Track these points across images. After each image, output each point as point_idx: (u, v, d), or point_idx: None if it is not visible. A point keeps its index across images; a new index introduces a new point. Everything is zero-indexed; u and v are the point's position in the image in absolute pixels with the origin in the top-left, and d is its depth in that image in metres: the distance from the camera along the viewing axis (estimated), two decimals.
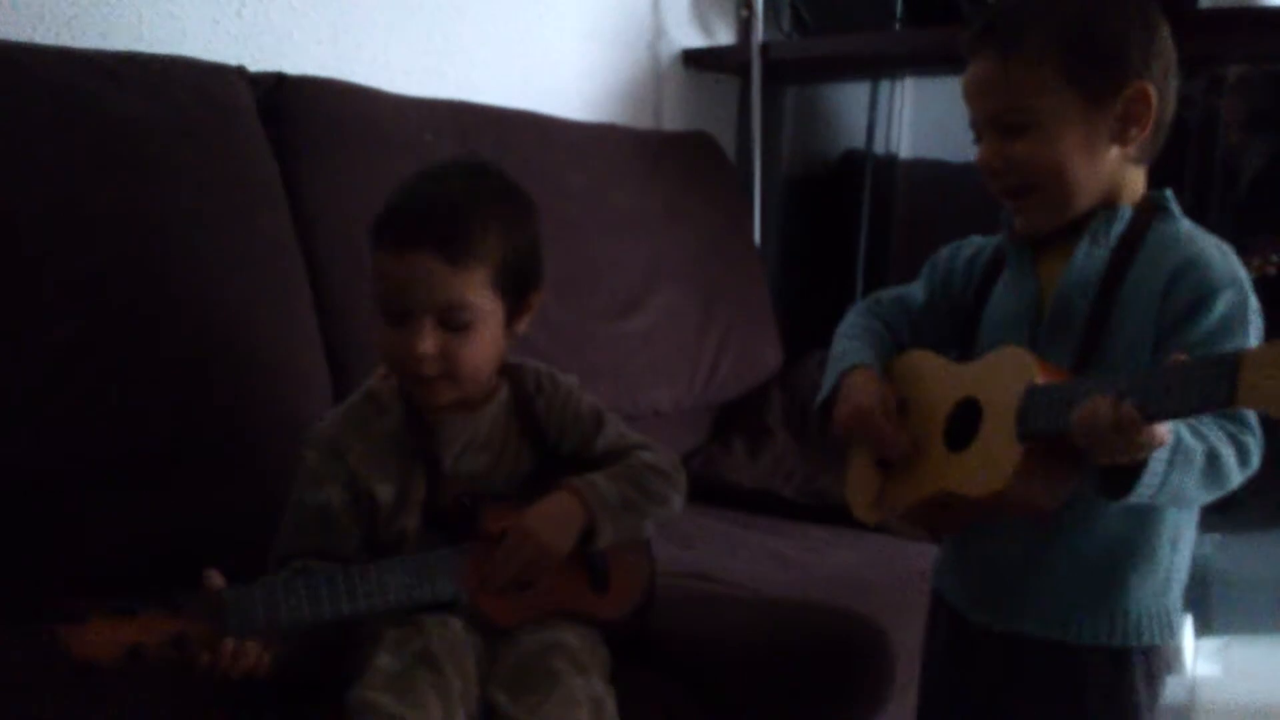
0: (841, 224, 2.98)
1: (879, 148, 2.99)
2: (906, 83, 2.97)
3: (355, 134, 1.93)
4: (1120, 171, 1.25)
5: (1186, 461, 1.09)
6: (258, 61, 1.94)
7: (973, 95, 1.26)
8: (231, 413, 1.64)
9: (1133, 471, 1.07)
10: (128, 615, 1.15)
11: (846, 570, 1.79)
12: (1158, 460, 1.07)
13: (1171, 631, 1.27)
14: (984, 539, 1.31)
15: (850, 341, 1.42)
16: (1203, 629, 1.81)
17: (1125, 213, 1.25)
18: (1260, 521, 1.24)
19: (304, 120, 1.88)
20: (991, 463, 1.18)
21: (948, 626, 1.39)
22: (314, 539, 1.39)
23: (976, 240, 1.43)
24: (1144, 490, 1.08)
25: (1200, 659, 2.07)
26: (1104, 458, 1.07)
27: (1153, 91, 1.21)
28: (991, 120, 1.24)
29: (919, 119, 2.98)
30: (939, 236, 1.51)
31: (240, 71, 1.85)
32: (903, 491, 1.32)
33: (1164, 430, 1.04)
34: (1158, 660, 1.28)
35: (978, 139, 1.27)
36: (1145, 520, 1.24)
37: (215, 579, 1.23)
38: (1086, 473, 1.15)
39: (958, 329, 1.39)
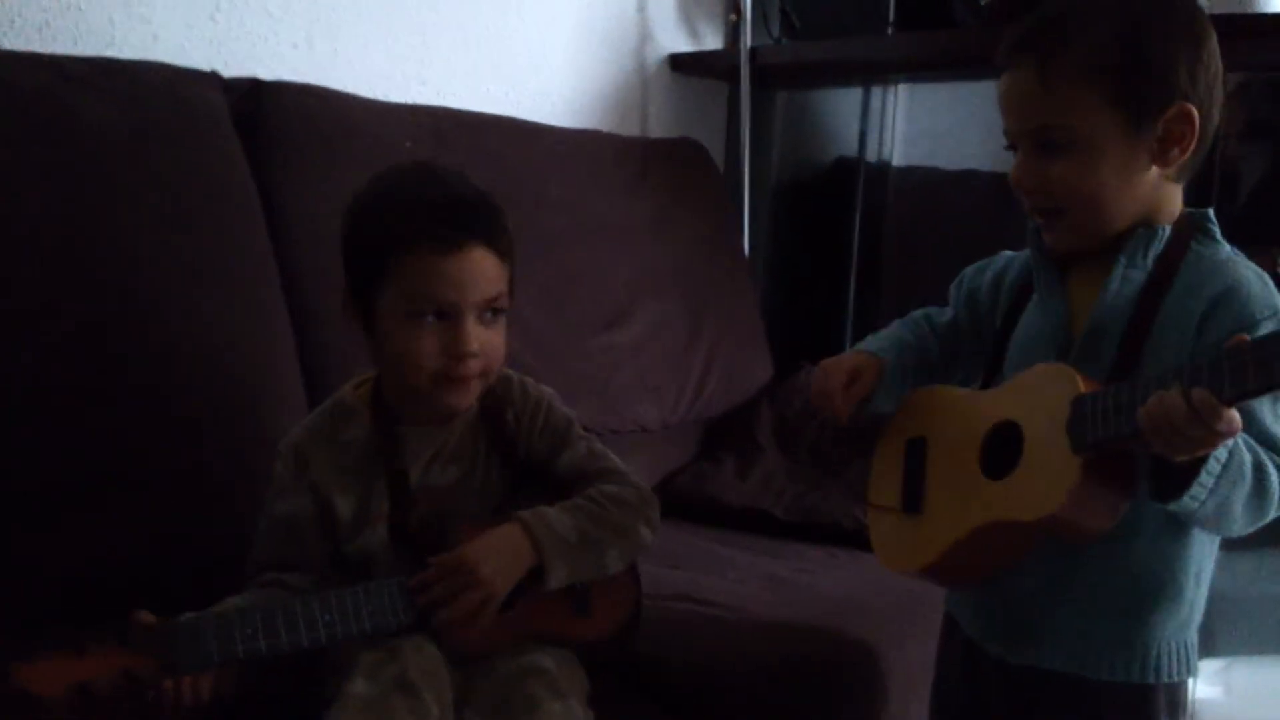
0: (833, 233, 2.94)
1: (871, 155, 2.95)
2: (899, 89, 2.93)
3: (332, 140, 1.89)
4: (1158, 191, 1.21)
5: (1238, 470, 1.07)
6: (232, 67, 1.92)
7: (1008, 108, 1.22)
8: (202, 426, 1.60)
9: (1184, 479, 1.05)
10: (75, 651, 1.12)
11: (838, 591, 1.75)
12: (1215, 460, 1.04)
13: (1191, 667, 1.24)
14: (1005, 573, 1.27)
15: (871, 340, 1.42)
16: (1204, 650, 1.77)
17: (1163, 233, 1.21)
18: (1264, 539, 1.21)
19: (279, 126, 1.85)
20: (1045, 483, 1.14)
21: (963, 653, 1.35)
22: (282, 551, 1.38)
23: (1004, 256, 1.39)
24: (1199, 490, 1.05)
25: (1201, 681, 2.02)
26: (1179, 453, 1.03)
27: (1195, 112, 1.17)
28: (1028, 136, 1.21)
29: (912, 126, 2.94)
30: (933, 245, 1.48)
31: (214, 77, 1.81)
32: (939, 532, 1.27)
33: (1237, 415, 1.01)
34: (1180, 697, 1.25)
35: (1011, 148, 1.24)
36: (1170, 553, 1.21)
37: (146, 617, 1.19)
38: (1138, 486, 1.13)
39: (985, 351, 1.36)
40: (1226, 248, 1.22)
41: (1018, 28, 1.21)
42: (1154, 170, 1.19)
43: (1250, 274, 1.18)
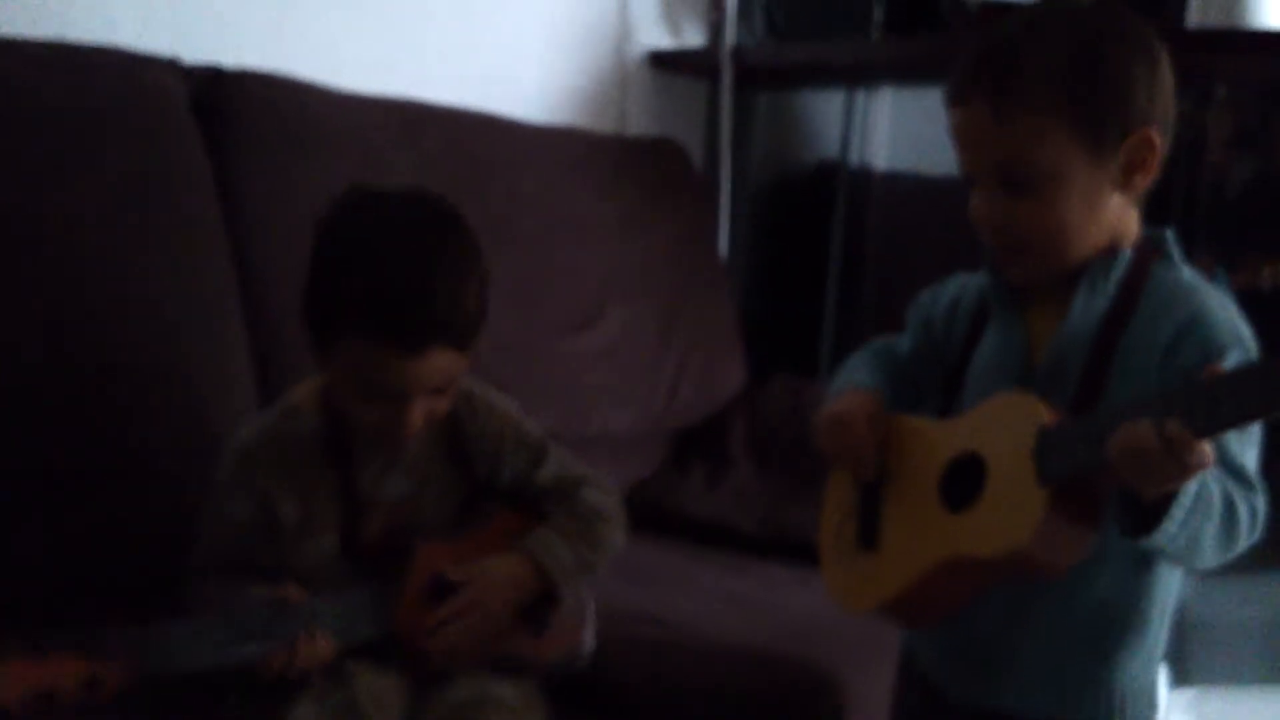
0: (813, 238, 2.91)
1: (854, 159, 2.92)
2: (884, 92, 2.90)
3: (297, 132, 1.85)
4: (1121, 216, 1.18)
5: (1208, 505, 1.03)
6: (194, 53, 1.86)
7: (964, 144, 1.17)
8: (150, 419, 1.58)
9: (1153, 513, 1.01)
10: (38, 656, 1.10)
11: (804, 615, 1.70)
12: (1185, 494, 1.00)
13: (1155, 707, 1.21)
14: (964, 609, 1.22)
15: (851, 373, 1.35)
16: (1178, 679, 1.75)
17: (1125, 257, 1.17)
18: (1235, 565, 1.19)
19: (241, 116, 1.81)
20: (1009, 516, 1.09)
21: (919, 695, 1.30)
22: (228, 555, 1.37)
23: (958, 280, 1.34)
24: (1169, 525, 1.01)
25: (1174, 711, 2.00)
26: (1150, 486, 1.00)
27: (1157, 136, 1.14)
28: (989, 173, 1.16)
29: (896, 130, 2.92)
30: (915, 252, 1.43)
31: (172, 64, 1.77)
32: (897, 568, 1.21)
33: (1210, 449, 0.97)
34: None
35: (970, 184, 1.19)
36: (1136, 587, 1.18)
37: None
38: (1106, 519, 1.09)
39: (943, 380, 1.31)
40: (1187, 271, 1.19)
41: (964, 60, 1.16)
42: (1116, 196, 1.16)
43: (1212, 301, 1.15)
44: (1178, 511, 1.01)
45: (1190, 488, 1.00)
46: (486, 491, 1.44)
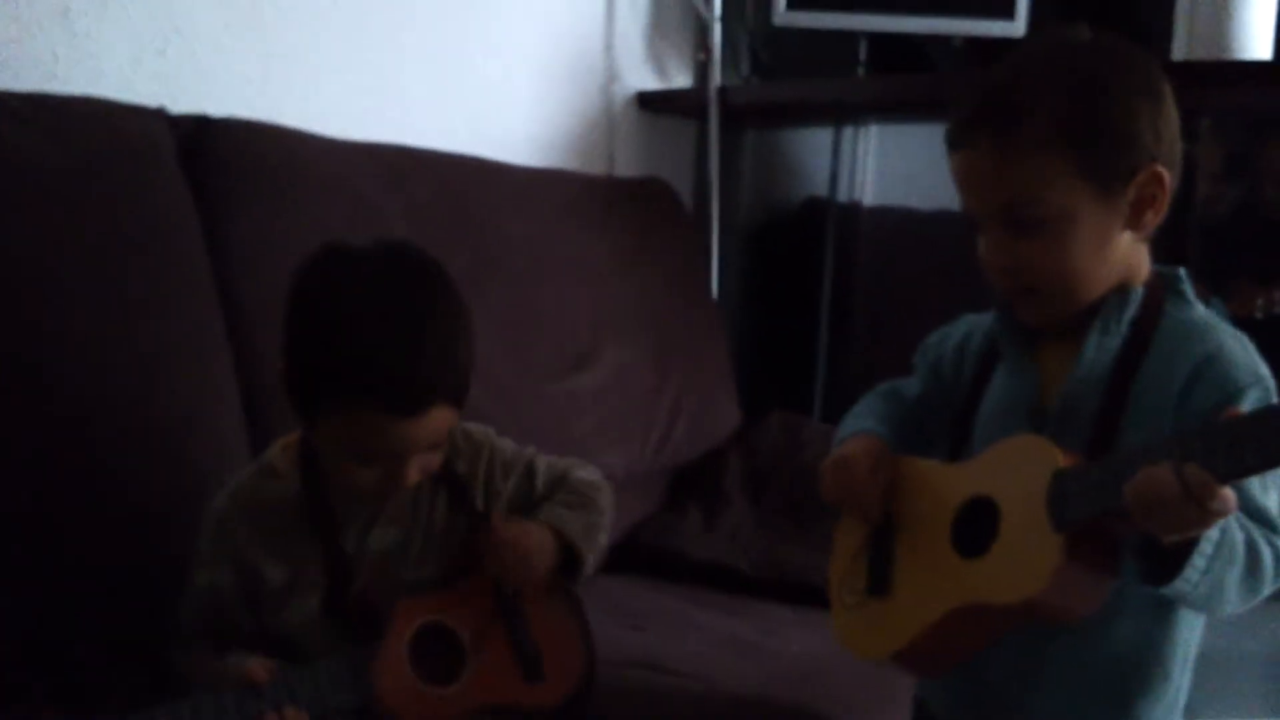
0: (803, 275, 2.92)
1: (842, 195, 2.93)
2: (871, 128, 2.91)
3: (283, 180, 1.83)
4: (1131, 254, 1.16)
5: (1230, 550, 1.01)
6: (181, 104, 1.86)
7: (969, 188, 1.16)
8: (139, 471, 1.54)
9: (1174, 559, 0.99)
10: None
11: (803, 658, 1.69)
12: (1207, 541, 0.98)
13: None
14: (978, 655, 1.20)
15: (856, 420, 1.33)
16: (1186, 714, 1.71)
17: (1137, 296, 1.16)
18: None
19: (228, 165, 1.79)
20: (1024, 563, 1.07)
21: None
22: (210, 621, 1.35)
23: (967, 321, 1.33)
24: (1191, 573, 0.99)
25: None
26: (1170, 533, 0.97)
27: (1166, 173, 1.12)
28: (995, 215, 1.14)
29: (884, 166, 2.93)
30: (905, 287, 1.42)
31: (159, 113, 1.76)
32: (909, 616, 1.19)
33: (1233, 494, 0.95)
34: None
35: (975, 227, 1.17)
36: (1156, 635, 1.15)
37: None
38: (1122, 566, 1.07)
39: (952, 423, 1.29)
40: (1201, 308, 1.17)
41: (963, 103, 1.15)
42: (1127, 235, 1.14)
43: (1228, 339, 1.13)
44: (1199, 560, 0.98)
45: (1212, 534, 0.98)
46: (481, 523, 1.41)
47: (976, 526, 1.13)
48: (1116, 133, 1.11)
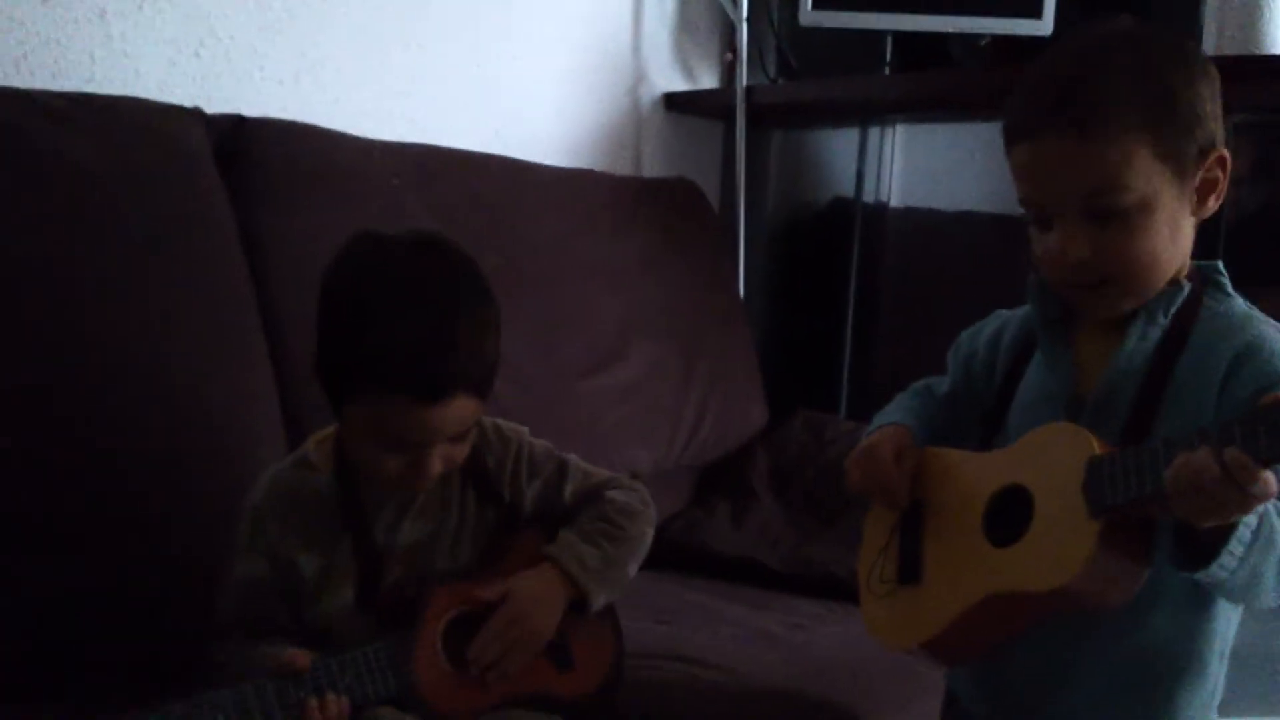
0: (829, 274, 2.91)
1: (868, 195, 2.92)
2: (897, 128, 2.90)
3: (317, 179, 1.86)
4: (1189, 241, 1.15)
5: (1269, 538, 1.00)
6: (216, 104, 1.89)
7: (1043, 178, 1.12)
8: (179, 467, 1.56)
9: (1211, 545, 0.98)
10: None
11: (832, 651, 1.69)
12: (1245, 527, 0.97)
13: None
14: (1011, 647, 1.19)
15: (885, 415, 1.32)
16: (1219, 710, 1.71)
17: (1184, 289, 1.14)
18: None
19: (263, 164, 1.82)
20: (1058, 550, 1.06)
21: None
22: (247, 613, 1.35)
23: (999, 316, 1.33)
24: (1228, 559, 0.98)
25: None
26: (1208, 519, 0.96)
27: (1228, 156, 1.12)
28: (1074, 206, 1.11)
29: (910, 166, 2.91)
30: (931, 286, 1.41)
31: (196, 113, 1.78)
32: (940, 604, 1.18)
33: (1274, 478, 0.94)
34: None
35: (1039, 222, 1.14)
36: (1194, 626, 1.14)
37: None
38: (1156, 554, 1.06)
39: (985, 415, 1.28)
40: (1241, 301, 1.16)
41: (1028, 92, 1.13)
42: (1190, 221, 1.13)
43: (1270, 329, 1.12)
44: (1237, 545, 0.97)
45: (1249, 520, 0.97)
46: (515, 518, 1.42)
47: (1009, 515, 1.13)
48: (1188, 115, 1.09)
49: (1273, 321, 1.14)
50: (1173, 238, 1.12)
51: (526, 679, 1.35)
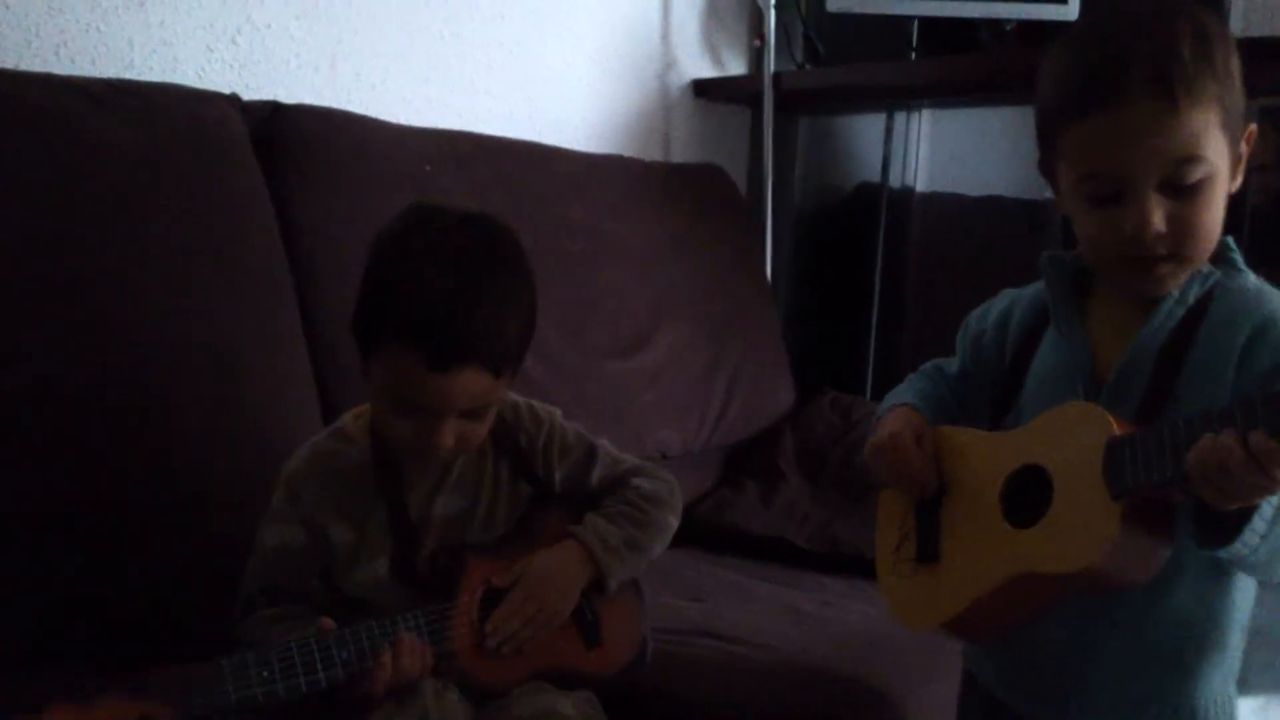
0: (856, 259, 2.92)
1: (894, 180, 2.93)
2: (923, 114, 2.91)
3: (352, 164, 1.87)
4: None
5: None
6: (253, 90, 1.92)
7: (1131, 148, 1.06)
8: (219, 448, 1.58)
9: (1232, 522, 0.98)
10: (84, 701, 1.09)
11: (861, 628, 1.70)
12: (1267, 504, 0.97)
13: (1233, 718, 1.17)
14: (1030, 625, 1.19)
15: (894, 397, 1.32)
16: (1239, 687, 1.71)
17: (1210, 270, 1.13)
18: None
19: (299, 150, 1.83)
20: (1079, 531, 1.06)
21: (982, 714, 1.28)
22: (276, 578, 1.37)
23: (1008, 295, 1.31)
24: (1250, 537, 0.98)
25: None
26: (1232, 500, 0.95)
27: (1255, 131, 1.11)
28: (1154, 177, 1.07)
29: (936, 151, 2.92)
30: (956, 272, 1.41)
31: (233, 99, 1.80)
32: (961, 585, 1.18)
33: None
34: None
35: (1100, 199, 1.10)
36: (1214, 601, 1.13)
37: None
38: (1178, 532, 1.06)
39: (996, 394, 1.27)
40: (1253, 276, 1.15)
41: (1106, 64, 1.07)
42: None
43: None
44: (1259, 523, 0.97)
45: (1271, 499, 0.97)
46: (545, 497, 1.44)
47: (1027, 495, 1.12)
48: (1238, 86, 1.08)
49: None
50: (1221, 211, 1.10)
51: (557, 654, 1.37)
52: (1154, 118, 1.05)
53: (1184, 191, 1.07)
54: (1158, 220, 1.07)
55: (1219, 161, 1.07)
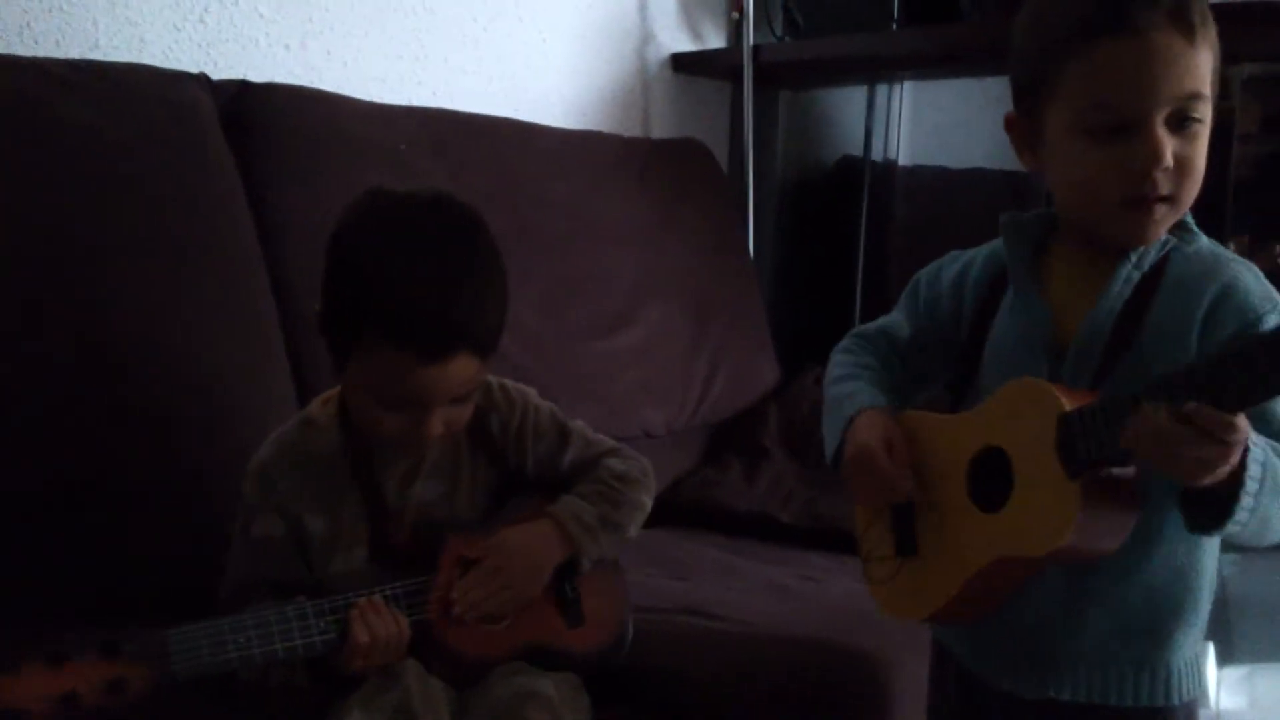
0: (839, 233, 2.91)
1: (877, 153, 2.92)
2: (905, 86, 2.90)
3: (324, 144, 1.86)
4: None
5: (1274, 482, 0.98)
6: (221, 69, 1.90)
7: (1146, 78, 1.04)
8: (190, 432, 1.57)
9: (1217, 501, 0.97)
10: (59, 662, 1.09)
11: (847, 601, 1.68)
12: (1251, 480, 0.95)
13: (1204, 682, 1.17)
14: (1009, 602, 1.18)
15: (848, 384, 1.27)
16: (1224, 658, 1.71)
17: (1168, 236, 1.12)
18: None
19: (269, 129, 1.82)
20: (1045, 513, 1.05)
21: (957, 687, 1.27)
22: (263, 571, 1.35)
23: (957, 256, 1.28)
24: (1240, 514, 0.96)
25: (1224, 691, 1.95)
26: (1192, 474, 0.94)
27: None
28: (1164, 109, 1.05)
29: (918, 123, 2.91)
30: (940, 244, 1.37)
31: (201, 79, 1.78)
32: (943, 575, 1.17)
33: (1245, 420, 0.92)
34: (1194, 713, 1.17)
35: (1105, 133, 1.07)
36: (1186, 566, 1.13)
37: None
38: (1147, 498, 1.05)
39: (954, 363, 1.24)
40: (1206, 240, 1.13)
41: None
42: None
43: (1241, 268, 1.10)
44: (1247, 500, 0.96)
45: (1253, 471, 0.95)
46: (517, 481, 1.43)
47: (992, 478, 1.11)
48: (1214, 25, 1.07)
49: (1242, 259, 1.11)
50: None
51: (536, 631, 1.36)
52: (1171, 48, 1.03)
53: (1186, 130, 1.05)
54: (1157, 154, 1.05)
55: (1211, 105, 1.06)
